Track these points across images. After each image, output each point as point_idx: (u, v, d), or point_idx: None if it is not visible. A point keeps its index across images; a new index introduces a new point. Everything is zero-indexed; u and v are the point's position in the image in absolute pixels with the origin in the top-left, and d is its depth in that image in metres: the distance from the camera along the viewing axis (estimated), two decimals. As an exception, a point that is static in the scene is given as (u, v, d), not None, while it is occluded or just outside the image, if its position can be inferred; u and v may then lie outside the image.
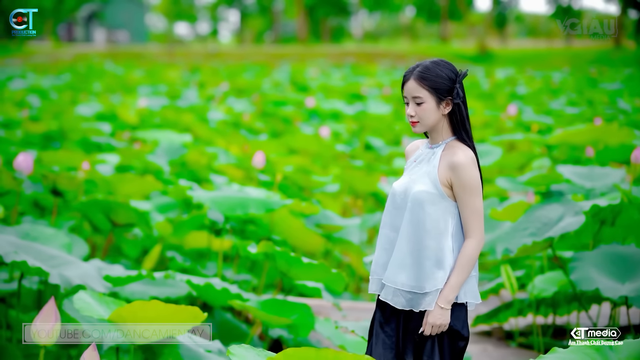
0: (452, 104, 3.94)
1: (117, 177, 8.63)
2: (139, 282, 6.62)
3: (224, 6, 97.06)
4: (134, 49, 67.43)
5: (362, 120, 17.29)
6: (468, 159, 3.87)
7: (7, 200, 7.94)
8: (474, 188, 3.87)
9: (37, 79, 30.28)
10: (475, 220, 3.88)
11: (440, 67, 3.94)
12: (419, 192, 3.90)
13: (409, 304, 3.91)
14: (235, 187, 8.11)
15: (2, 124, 15.46)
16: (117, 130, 15.43)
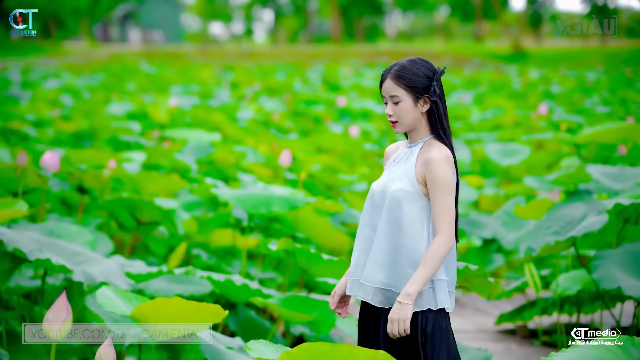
0: (430, 101, 3.92)
1: (143, 175, 8.67)
2: (163, 280, 6.67)
3: (259, 6, 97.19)
4: (169, 48, 67.72)
5: (392, 119, 17.27)
6: (442, 155, 3.84)
7: (33, 198, 8.01)
8: (445, 185, 3.83)
9: (71, 79, 30.48)
10: (445, 217, 3.82)
11: (417, 66, 3.93)
12: (396, 191, 3.87)
13: (388, 302, 3.90)
14: (260, 186, 8.15)
15: (34, 123, 15.59)
16: (147, 129, 15.51)
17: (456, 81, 31.69)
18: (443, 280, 3.89)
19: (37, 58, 51.41)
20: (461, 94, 24.97)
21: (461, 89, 28.18)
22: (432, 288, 3.88)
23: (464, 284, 5.23)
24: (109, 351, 3.65)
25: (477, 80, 32.10)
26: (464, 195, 8.80)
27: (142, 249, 8.99)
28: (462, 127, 17.94)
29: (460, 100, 23.46)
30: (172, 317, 4.70)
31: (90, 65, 42.95)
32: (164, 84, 28.53)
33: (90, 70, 37.24)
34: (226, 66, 42.59)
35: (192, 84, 28.43)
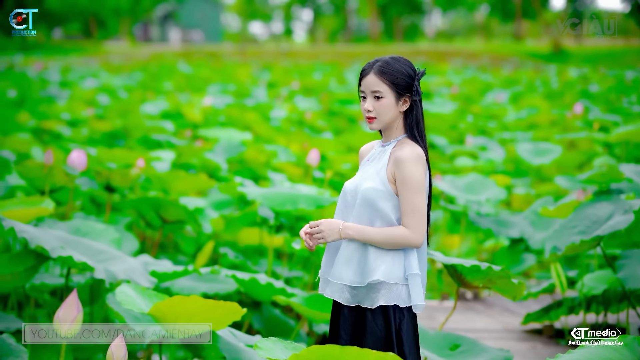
0: (410, 101, 3.91)
1: (171, 175, 8.71)
2: (189, 279, 6.70)
3: (298, 5, 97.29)
4: (208, 48, 67.96)
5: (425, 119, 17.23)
6: (413, 154, 3.81)
7: (62, 196, 8.07)
8: (413, 184, 3.78)
9: (109, 78, 30.66)
10: (412, 216, 3.79)
11: (400, 63, 3.91)
12: (367, 189, 3.86)
13: (355, 299, 3.89)
14: (287, 184, 8.16)
15: (69, 122, 15.72)
16: (180, 129, 15.58)
17: (493, 80, 31.55)
18: (417, 275, 3.86)
19: (78, 58, 51.80)
20: (497, 94, 24.84)
21: (498, 88, 28.04)
22: (406, 285, 3.87)
23: (487, 284, 5.22)
24: (121, 348, 3.67)
25: (515, 80, 31.92)
26: (492, 194, 8.76)
27: (172, 248, 9.05)
28: (497, 126, 17.86)
29: (496, 99, 23.35)
30: (190, 315, 4.71)
31: (129, 65, 43.19)
32: (201, 83, 28.62)
33: (128, 70, 37.45)
34: (264, 65, 42.67)
35: (229, 84, 28.50)
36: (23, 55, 52.02)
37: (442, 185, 8.83)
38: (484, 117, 19.61)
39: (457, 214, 9.09)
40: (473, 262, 5.02)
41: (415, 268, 3.85)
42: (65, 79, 29.58)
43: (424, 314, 7.65)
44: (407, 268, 3.86)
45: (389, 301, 3.84)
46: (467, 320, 7.67)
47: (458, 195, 8.63)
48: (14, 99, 20.58)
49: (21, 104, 19.84)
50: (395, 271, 3.84)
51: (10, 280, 5.66)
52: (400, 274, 3.85)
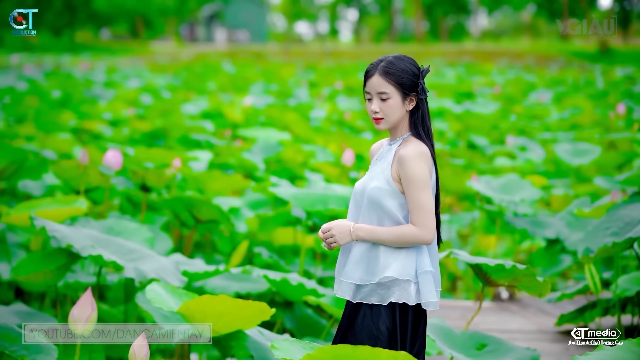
0: (417, 100, 3.91)
1: (206, 174, 8.77)
2: (222, 278, 6.74)
3: (343, 5, 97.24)
4: (253, 48, 68.10)
5: (466, 119, 17.17)
6: (415, 152, 3.81)
7: (98, 196, 8.15)
8: (417, 181, 3.79)
9: (153, 78, 30.85)
10: (419, 214, 3.80)
11: (405, 63, 3.90)
12: (373, 189, 3.88)
13: (360, 296, 3.91)
14: (321, 185, 8.18)
15: (110, 122, 15.85)
16: (220, 129, 15.64)
17: (537, 80, 31.35)
18: (429, 272, 3.88)
19: (125, 58, 52.14)
20: (541, 94, 24.69)
21: (542, 88, 27.86)
22: (416, 283, 3.87)
23: (512, 283, 5.22)
24: (142, 347, 3.70)
25: (560, 80, 31.70)
26: (528, 194, 8.71)
27: (209, 247, 9.10)
28: (539, 126, 17.76)
29: (539, 99, 23.21)
30: (219, 314, 4.75)
31: (174, 65, 43.41)
32: (244, 83, 28.70)
33: (173, 70, 37.64)
34: (308, 65, 42.70)
35: (272, 84, 28.57)
36: (71, 56, 52.46)
37: (478, 185, 8.80)
38: (526, 117, 19.51)
39: (493, 215, 9.06)
40: (497, 261, 5.02)
41: (427, 266, 3.86)
42: (110, 79, 29.80)
43: (457, 313, 7.65)
44: (419, 266, 3.87)
45: (400, 298, 3.86)
46: (501, 320, 7.65)
47: (493, 196, 8.59)
48: (58, 99, 20.78)
49: (65, 103, 20.04)
50: (407, 268, 3.85)
51: (43, 278, 5.72)
52: (412, 271, 3.86)
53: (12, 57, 45.48)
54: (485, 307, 8.05)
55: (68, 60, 45.48)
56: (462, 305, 8.06)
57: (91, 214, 8.17)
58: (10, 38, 72.03)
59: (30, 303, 7.72)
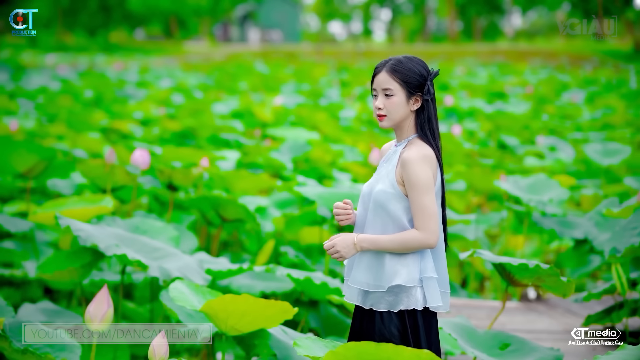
0: (422, 100, 3.90)
1: (233, 174, 8.79)
2: (247, 277, 6.76)
3: (376, 5, 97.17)
4: (286, 48, 68.17)
5: (498, 119, 17.11)
6: (418, 155, 3.80)
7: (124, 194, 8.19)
8: (419, 185, 3.77)
9: (186, 78, 30.96)
10: (422, 217, 3.78)
11: (413, 63, 3.90)
12: (378, 192, 3.87)
13: (369, 302, 3.93)
14: (347, 184, 8.18)
15: (141, 121, 15.93)
16: (249, 128, 15.68)
17: (570, 80, 31.18)
18: (432, 278, 3.88)
19: (158, 58, 52.37)
20: (573, 93, 24.57)
21: (574, 88, 27.72)
22: (422, 287, 3.88)
23: (536, 282, 5.20)
24: (162, 344, 3.73)
25: (593, 80, 31.51)
26: (555, 194, 8.66)
27: (236, 246, 9.13)
28: (570, 126, 17.67)
29: (572, 99, 23.09)
30: (241, 313, 4.76)
31: (207, 64, 43.54)
32: (276, 83, 28.75)
33: (205, 70, 37.77)
34: (340, 65, 42.68)
35: (304, 83, 28.59)
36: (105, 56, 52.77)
37: (505, 185, 8.77)
38: (558, 117, 19.41)
39: (521, 215, 9.02)
40: (521, 261, 5.00)
41: (429, 271, 3.87)
42: (142, 79, 29.95)
43: (483, 313, 7.62)
44: (423, 270, 3.87)
45: (408, 305, 3.88)
46: (528, 321, 7.61)
47: (521, 196, 8.56)
48: (90, 98, 20.92)
49: (97, 103, 20.17)
50: (412, 274, 3.86)
51: (68, 276, 5.76)
52: (416, 276, 3.87)
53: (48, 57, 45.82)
54: (512, 307, 8.02)
55: (102, 61, 45.75)
56: (488, 305, 8.03)
57: (118, 212, 8.22)
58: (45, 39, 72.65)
59: (59, 301, 7.78)
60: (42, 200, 9.23)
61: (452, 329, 5.32)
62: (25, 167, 8.62)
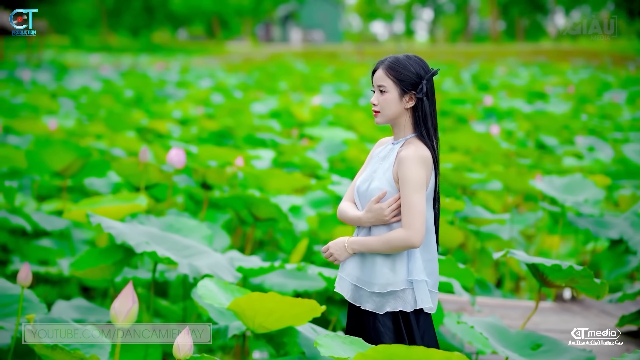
0: (415, 99, 3.94)
1: (267, 173, 8.82)
2: (280, 275, 6.78)
3: (418, 5, 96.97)
4: (327, 48, 68.19)
5: (536, 119, 17.02)
6: (416, 154, 3.86)
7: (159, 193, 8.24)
8: (411, 183, 3.83)
9: (226, 78, 31.07)
10: (408, 214, 3.83)
11: (411, 62, 3.97)
12: (374, 189, 3.94)
13: (359, 300, 4.00)
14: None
15: (180, 121, 16.02)
16: (287, 128, 15.71)
17: (612, 80, 30.92)
18: (422, 281, 3.94)
19: (200, 58, 52.59)
20: (615, 93, 24.37)
21: (616, 88, 27.48)
22: (412, 289, 3.93)
23: (570, 284, 5.18)
24: (187, 340, 3.75)
25: (635, 79, 31.19)
26: (590, 194, 8.60)
27: (272, 245, 9.16)
28: (610, 126, 17.53)
29: (613, 99, 22.91)
30: (269, 311, 4.78)
31: (247, 64, 43.67)
32: (316, 83, 28.77)
33: (246, 70, 37.88)
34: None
35: (343, 83, 28.59)
36: (148, 56, 53.08)
37: (540, 185, 8.72)
38: (598, 117, 19.27)
39: (556, 215, 8.98)
40: (554, 262, 4.98)
41: (419, 273, 3.93)
42: (183, 79, 30.09)
43: (517, 313, 7.59)
44: (411, 272, 3.93)
45: (395, 307, 3.95)
46: (562, 321, 7.57)
47: (556, 195, 8.51)
48: (130, 98, 21.05)
49: (137, 103, 20.30)
50: (398, 276, 3.93)
51: (100, 274, 5.81)
52: (403, 278, 3.93)
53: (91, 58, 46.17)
54: (547, 307, 7.98)
55: (145, 61, 46.02)
56: (523, 305, 8.00)
57: (154, 211, 8.27)
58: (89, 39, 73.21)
59: (94, 299, 7.85)
60: (79, 199, 9.32)
61: (483, 328, 5.31)
62: (62, 165, 8.71)
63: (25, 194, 9.62)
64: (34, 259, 7.87)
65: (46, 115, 15.80)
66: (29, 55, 43.68)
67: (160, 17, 76.62)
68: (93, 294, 8.34)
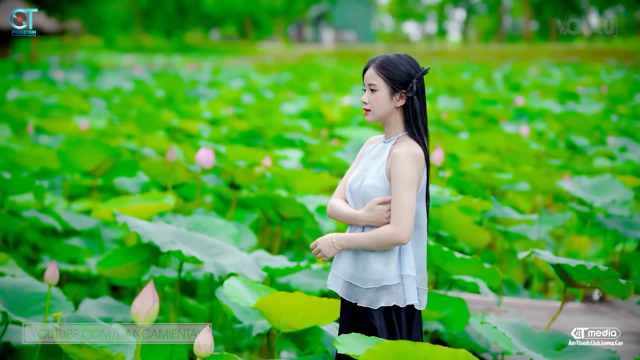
0: (406, 97, 3.97)
1: (294, 173, 8.85)
2: (306, 275, 6.81)
3: (451, 5, 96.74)
4: (359, 48, 68.15)
5: (567, 120, 16.95)
6: (409, 152, 3.89)
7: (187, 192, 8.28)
8: (403, 180, 3.86)
9: (258, 78, 31.13)
10: (397, 211, 3.86)
11: (401, 61, 4.00)
12: (367, 187, 3.97)
13: (354, 297, 4.03)
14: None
15: (210, 121, 16.08)
16: (316, 128, 15.73)
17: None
18: (411, 277, 3.97)
19: (232, 59, 52.73)
20: (648, 93, 24.21)
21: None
22: (402, 284, 3.97)
23: (595, 284, 5.18)
24: (207, 338, 3.78)
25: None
26: (619, 195, 8.56)
27: (300, 245, 9.19)
28: (645, 126, 17.42)
29: (646, 99, 22.76)
30: (294, 310, 4.80)
31: (279, 65, 43.73)
32: (347, 83, 28.77)
33: (278, 70, 37.95)
34: (413, 66, 42.47)
35: (374, 84, 28.51)
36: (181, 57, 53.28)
37: (568, 185, 8.69)
38: (630, 117, 19.14)
39: (585, 215, 8.95)
40: (579, 262, 4.98)
41: (409, 269, 3.97)
42: (214, 79, 30.18)
43: (545, 314, 7.57)
44: (404, 268, 3.97)
45: (389, 302, 3.98)
46: (590, 322, 7.54)
47: (584, 196, 8.48)
48: (161, 98, 21.16)
49: (168, 103, 20.39)
50: (392, 270, 3.96)
51: (127, 272, 5.85)
52: (397, 272, 3.97)
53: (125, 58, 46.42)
54: (575, 308, 7.95)
55: (177, 61, 46.21)
56: (550, 306, 7.97)
57: (182, 210, 8.32)
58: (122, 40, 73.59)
59: (123, 298, 7.90)
60: (109, 198, 9.38)
61: (507, 329, 5.31)
62: (92, 165, 8.78)
63: (56, 194, 9.71)
64: (64, 258, 7.94)
65: (78, 115, 15.91)
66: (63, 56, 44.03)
67: (193, 18, 76.89)
68: (122, 293, 8.40)
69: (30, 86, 22.73)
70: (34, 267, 7.91)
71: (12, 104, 16.93)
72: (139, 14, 75.05)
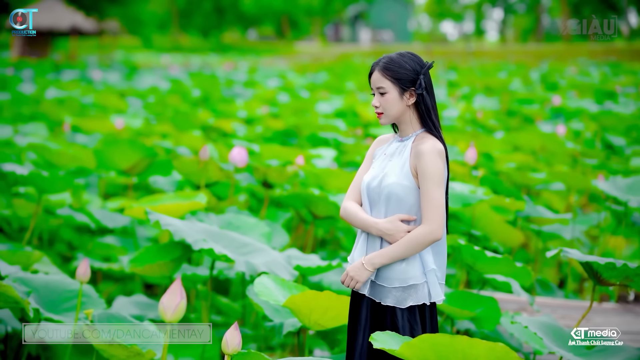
0: (416, 94, 3.96)
1: (326, 172, 8.85)
2: (337, 274, 6.83)
3: (488, 5, 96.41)
4: (397, 48, 68.08)
5: (604, 119, 16.83)
6: (434, 149, 3.88)
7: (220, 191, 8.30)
8: (433, 177, 3.86)
9: (294, 78, 31.17)
10: (431, 209, 3.86)
11: (405, 59, 3.98)
12: (392, 184, 3.94)
13: (379, 295, 4.01)
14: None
15: (245, 120, 16.12)
16: (351, 127, 15.73)
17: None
18: (434, 272, 3.97)
19: (269, 58, 52.85)
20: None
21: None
22: (426, 282, 3.96)
23: (624, 282, 5.15)
24: (235, 335, 3.79)
25: None
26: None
27: (334, 243, 9.20)
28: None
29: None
30: (324, 309, 4.81)
31: (316, 64, 43.76)
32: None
33: (314, 70, 37.98)
34: (449, 65, 42.44)
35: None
36: (218, 56, 53.45)
37: (603, 185, 8.64)
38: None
39: (620, 215, 8.89)
40: (608, 260, 4.95)
41: (430, 264, 3.97)
42: (250, 78, 30.25)
43: (578, 314, 7.53)
44: (425, 264, 3.97)
45: (417, 301, 3.97)
46: (624, 322, 7.50)
47: (619, 196, 8.42)
48: (197, 98, 21.24)
49: (204, 102, 20.47)
50: (416, 269, 3.96)
51: (158, 270, 5.88)
52: (421, 271, 3.97)
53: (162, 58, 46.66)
54: (609, 308, 7.91)
55: (214, 61, 46.36)
56: (584, 306, 7.92)
57: (215, 209, 8.35)
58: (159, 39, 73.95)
59: (157, 296, 7.95)
60: (144, 197, 9.44)
61: (537, 328, 5.28)
62: (128, 164, 8.84)
63: (92, 192, 9.78)
64: (98, 256, 8.00)
65: (115, 114, 16.02)
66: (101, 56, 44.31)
67: (231, 18, 77.17)
68: (156, 291, 8.45)
69: (68, 85, 22.91)
70: (69, 264, 7.97)
71: (50, 102, 17.07)
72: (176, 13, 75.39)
